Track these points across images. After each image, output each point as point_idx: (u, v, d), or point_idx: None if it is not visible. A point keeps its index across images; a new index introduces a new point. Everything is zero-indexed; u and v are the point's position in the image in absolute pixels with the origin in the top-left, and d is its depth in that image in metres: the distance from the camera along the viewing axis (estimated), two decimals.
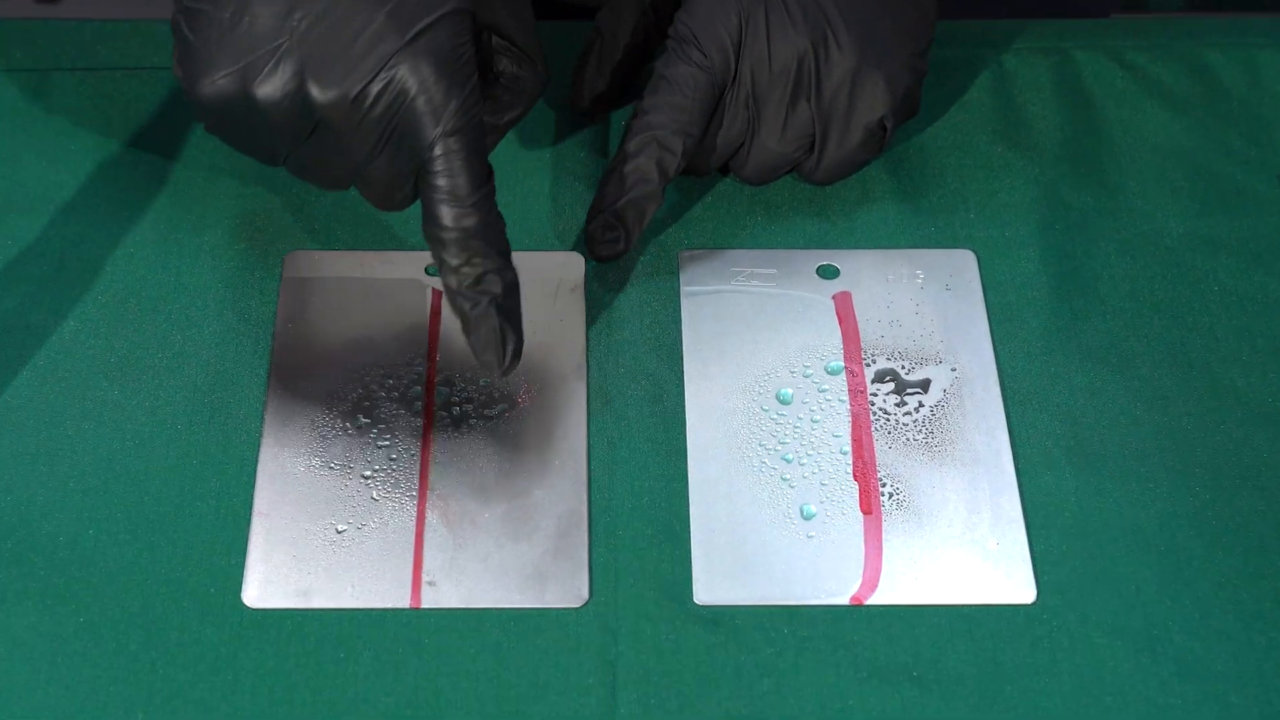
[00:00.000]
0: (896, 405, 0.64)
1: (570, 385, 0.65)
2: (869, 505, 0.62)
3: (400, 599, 0.59)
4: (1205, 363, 0.66)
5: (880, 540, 0.61)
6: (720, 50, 0.66)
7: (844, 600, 0.60)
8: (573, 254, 0.69)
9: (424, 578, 0.60)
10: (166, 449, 0.63)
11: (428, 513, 0.61)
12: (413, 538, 0.61)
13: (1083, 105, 0.74)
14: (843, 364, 0.66)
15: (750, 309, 0.67)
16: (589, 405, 0.64)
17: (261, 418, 0.63)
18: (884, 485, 0.62)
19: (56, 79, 0.74)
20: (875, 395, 0.65)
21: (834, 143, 0.68)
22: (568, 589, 0.60)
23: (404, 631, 0.59)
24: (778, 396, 0.65)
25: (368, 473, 0.62)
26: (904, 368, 0.65)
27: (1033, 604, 0.60)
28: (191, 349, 0.66)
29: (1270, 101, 0.74)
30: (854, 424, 0.64)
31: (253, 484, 0.62)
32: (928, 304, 0.67)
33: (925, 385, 0.65)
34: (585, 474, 0.62)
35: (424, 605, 0.59)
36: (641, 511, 0.62)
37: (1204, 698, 0.57)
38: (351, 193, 0.70)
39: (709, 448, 0.63)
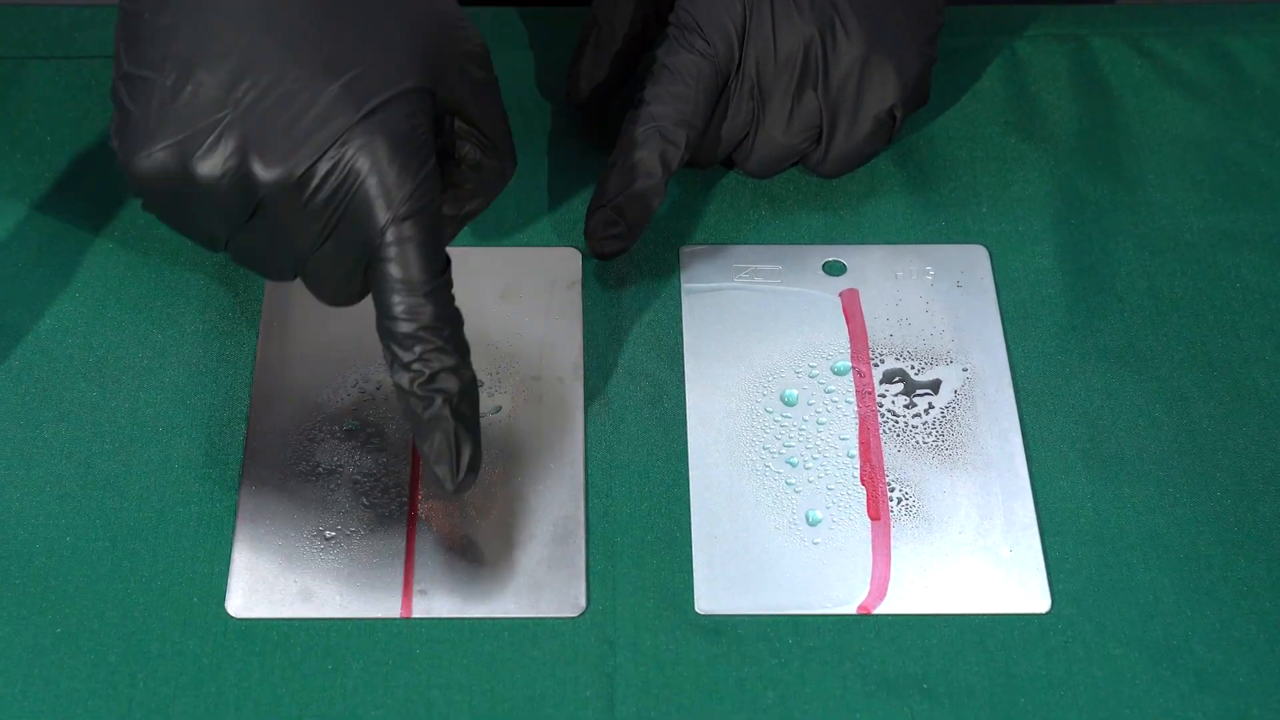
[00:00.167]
0: (906, 407, 0.64)
1: (567, 386, 0.65)
2: (877, 511, 0.62)
3: (390, 608, 0.59)
4: (1227, 362, 0.66)
5: (889, 547, 0.61)
6: (724, 38, 0.66)
7: (851, 609, 0.60)
8: (569, 250, 0.69)
9: (415, 586, 0.60)
10: (147, 452, 0.63)
11: (419, 519, 0.61)
12: (403, 544, 0.61)
13: (1099, 94, 0.74)
14: (849, 364, 0.66)
15: (754, 307, 0.67)
16: (586, 407, 0.64)
17: (246, 419, 0.64)
18: (892, 490, 0.62)
19: (32, 67, 0.74)
20: (883, 396, 0.65)
21: (842, 133, 0.68)
22: (564, 598, 0.60)
23: (394, 642, 0.59)
24: (782, 398, 0.65)
25: (357, 477, 0.62)
26: (913, 368, 0.66)
27: (1047, 613, 0.60)
28: (173, 348, 0.66)
29: None
30: (861, 426, 0.64)
31: (237, 488, 0.62)
32: (938, 301, 0.67)
33: (935, 386, 0.65)
34: (582, 478, 0.62)
35: (415, 615, 0.59)
36: (641, 517, 0.62)
37: (1225, 711, 0.57)
38: None
39: (711, 451, 0.63)
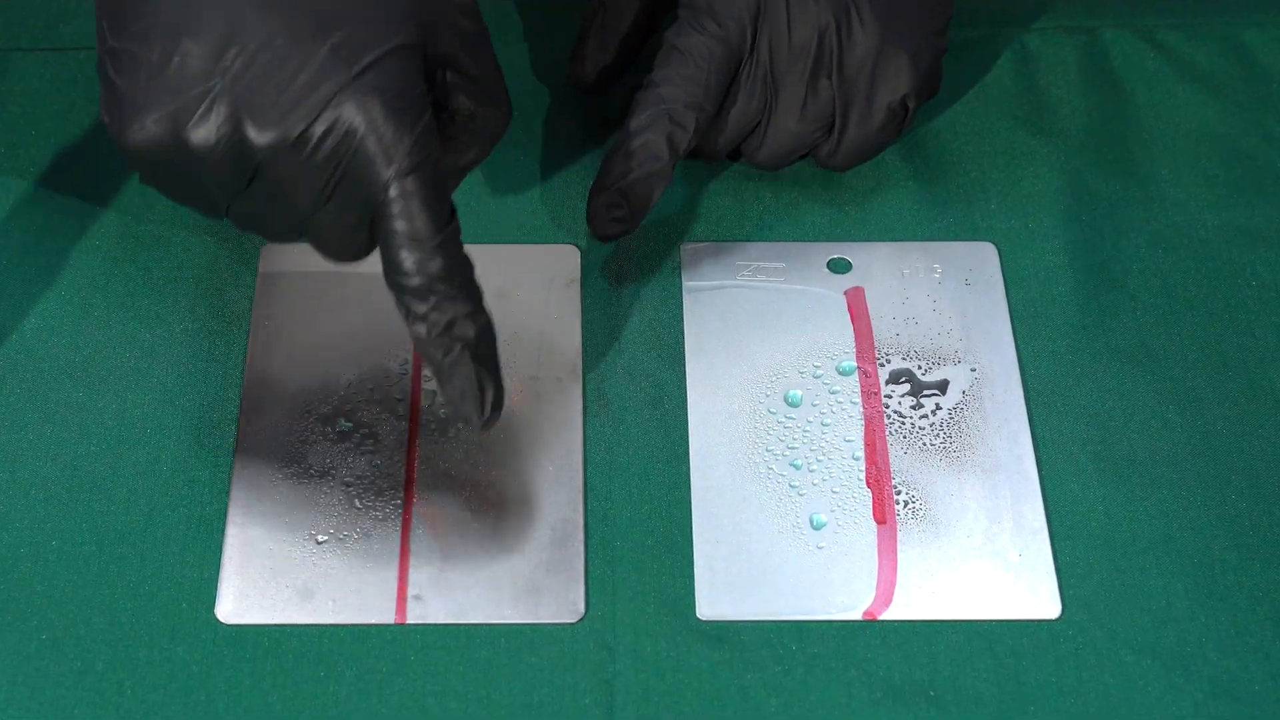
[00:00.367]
0: (912, 408, 0.65)
1: (565, 387, 0.65)
2: (883, 514, 0.62)
3: (384, 614, 0.60)
4: (1242, 362, 0.66)
5: (895, 551, 0.61)
6: (737, 21, 0.66)
7: (856, 615, 0.60)
8: (568, 247, 0.69)
9: (409, 591, 0.60)
10: (135, 454, 0.63)
11: (413, 522, 0.62)
12: (397, 549, 0.61)
13: (1111, 88, 0.75)
14: (855, 364, 0.66)
15: (757, 305, 0.68)
16: (585, 408, 0.65)
17: (236, 421, 0.64)
18: (899, 493, 0.63)
19: (16, 59, 0.74)
20: (890, 397, 0.65)
21: (854, 124, 0.68)
22: (562, 603, 0.60)
23: (388, 649, 0.59)
24: (786, 399, 0.65)
25: (349, 479, 0.63)
26: (920, 368, 0.66)
27: (1057, 619, 0.60)
28: (162, 348, 0.66)
29: None
30: (867, 428, 0.64)
31: (227, 492, 0.62)
32: (946, 300, 0.68)
33: (943, 386, 0.65)
34: (581, 481, 0.63)
35: (409, 621, 0.60)
36: (641, 521, 0.62)
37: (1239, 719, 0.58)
38: None
39: (712, 453, 0.64)
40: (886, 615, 0.60)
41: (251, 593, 0.60)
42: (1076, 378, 0.66)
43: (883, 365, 0.66)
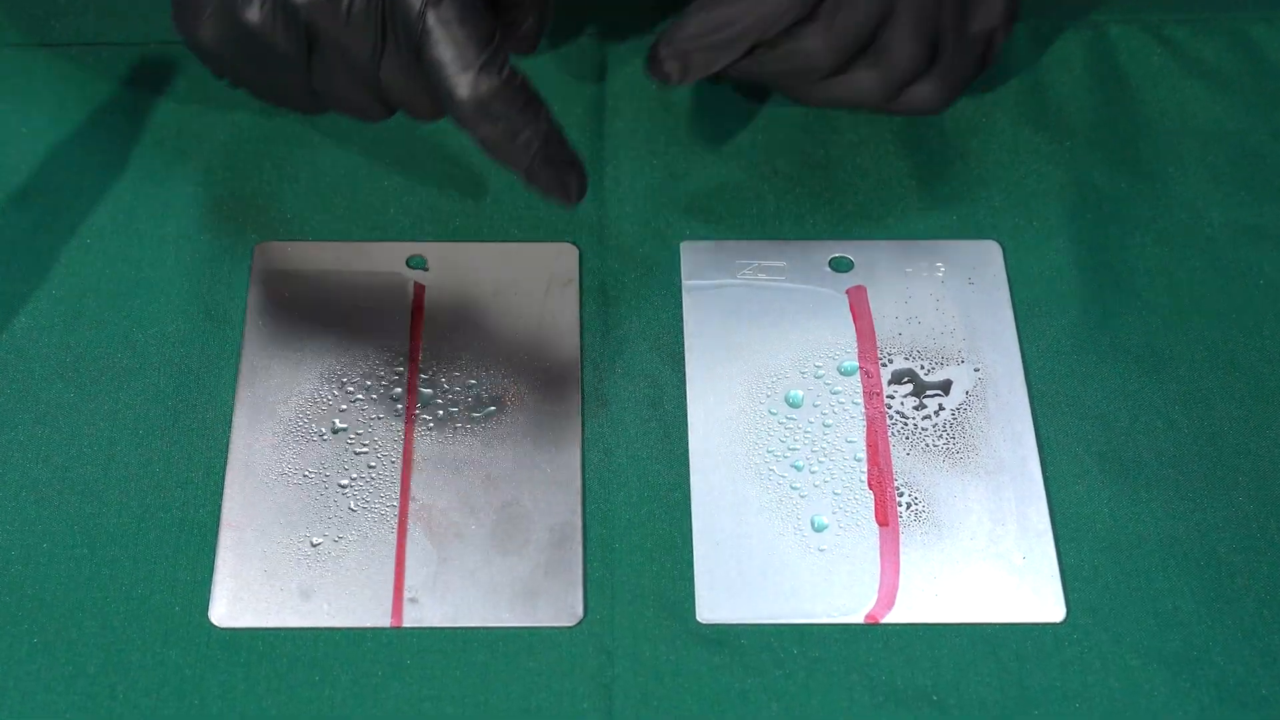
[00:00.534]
0: (915, 408, 0.65)
1: (563, 387, 0.65)
2: (885, 516, 0.62)
3: (380, 617, 0.60)
4: (1249, 363, 0.66)
5: (897, 554, 0.61)
6: None
7: (858, 618, 0.60)
8: (567, 246, 0.69)
9: (405, 594, 0.60)
10: (127, 456, 0.63)
11: (409, 524, 0.62)
12: (393, 551, 0.61)
13: (1117, 84, 0.75)
14: (857, 364, 0.66)
15: (757, 305, 0.68)
16: (584, 408, 0.65)
17: (230, 422, 0.64)
18: (901, 495, 0.63)
19: (5, 56, 0.74)
20: (892, 397, 0.65)
21: (950, 54, 0.67)
22: (560, 606, 0.60)
23: (384, 652, 0.59)
24: (787, 399, 0.65)
25: (345, 481, 0.63)
26: (923, 368, 0.66)
27: (1062, 623, 0.60)
28: (154, 348, 0.66)
29: None
30: (869, 428, 0.64)
31: (221, 494, 0.62)
32: (949, 299, 0.68)
33: (946, 387, 0.66)
34: (579, 483, 0.63)
35: (405, 624, 0.60)
36: (640, 523, 0.62)
37: None
38: (325, 180, 0.70)
39: (712, 454, 0.64)
40: (889, 619, 0.60)
41: (246, 596, 0.60)
42: (1081, 378, 0.66)
43: (885, 365, 0.66)
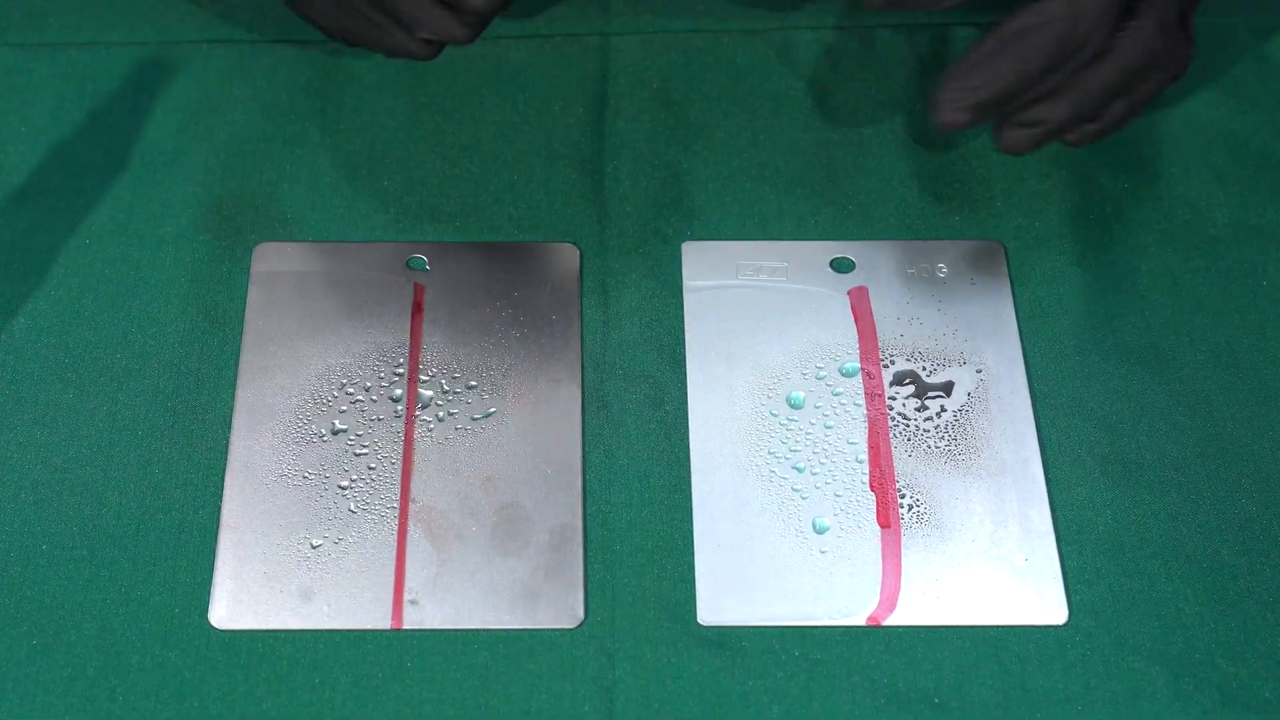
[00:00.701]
0: (917, 410, 0.65)
1: (564, 388, 0.65)
2: (887, 518, 0.63)
3: (380, 619, 0.60)
4: (1252, 364, 0.67)
5: (899, 556, 0.62)
6: None
7: (860, 621, 0.60)
8: (567, 245, 0.69)
9: (406, 596, 0.61)
10: (126, 457, 0.63)
11: (409, 526, 0.62)
12: (393, 553, 0.61)
13: None
14: (858, 365, 0.66)
15: (759, 306, 0.68)
16: (584, 410, 0.65)
17: (230, 424, 0.64)
18: (903, 497, 0.63)
19: (2, 55, 0.74)
20: (894, 399, 0.65)
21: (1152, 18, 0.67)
22: (561, 608, 0.61)
23: (384, 654, 0.60)
24: (788, 400, 0.65)
25: (344, 483, 0.63)
26: (925, 369, 0.66)
27: (1064, 625, 0.60)
28: (153, 349, 0.66)
29: None
30: (871, 430, 0.65)
31: (220, 495, 0.63)
32: (951, 300, 0.68)
33: (948, 388, 0.66)
34: (580, 484, 0.63)
35: (406, 626, 0.60)
36: (641, 524, 0.62)
37: None
38: (325, 180, 0.70)
39: (713, 456, 0.64)
40: (890, 621, 0.60)
41: (245, 598, 0.60)
42: (1084, 379, 0.66)
43: (887, 366, 0.66)
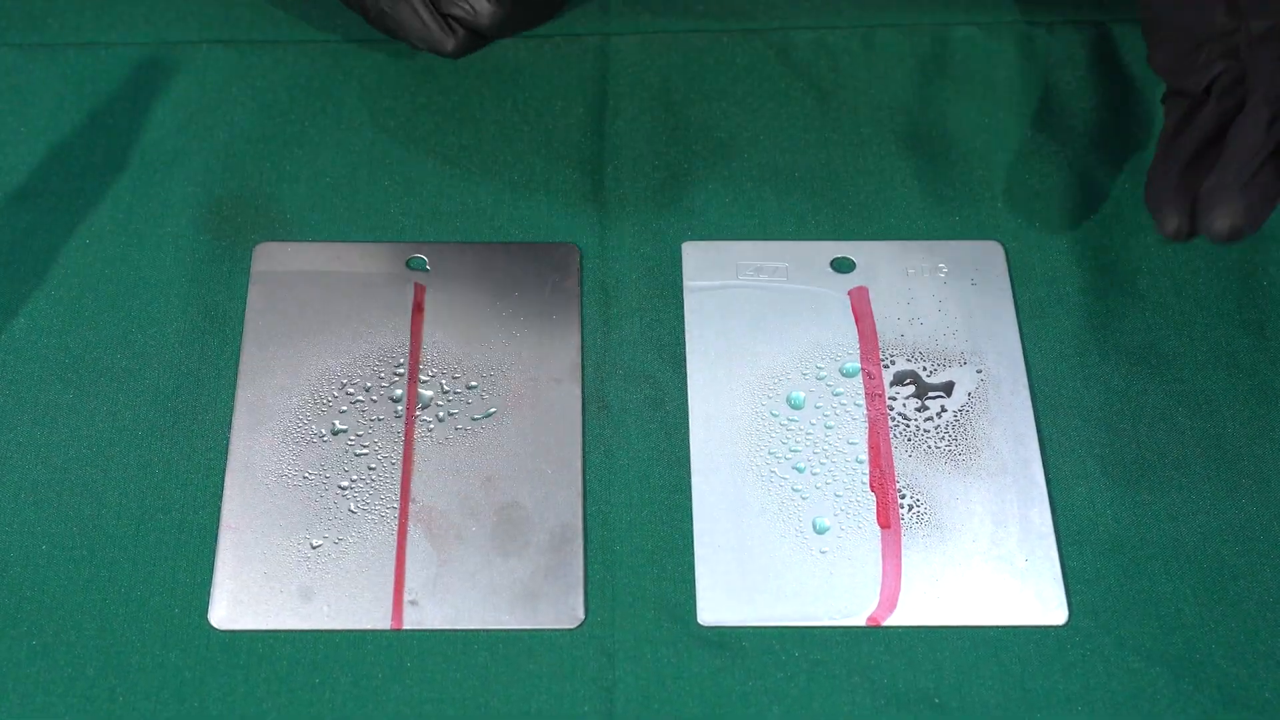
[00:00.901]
0: (917, 410, 0.65)
1: (564, 388, 0.66)
2: (887, 518, 0.63)
3: (380, 619, 0.60)
4: (1253, 364, 0.67)
5: (899, 556, 0.62)
6: None
7: (860, 621, 0.60)
8: (568, 246, 0.69)
9: (406, 596, 0.61)
10: (126, 458, 0.64)
11: (409, 526, 0.62)
12: (393, 553, 0.61)
13: (1120, 83, 0.75)
14: (859, 365, 0.66)
15: (759, 306, 0.68)
16: (584, 410, 0.65)
17: (230, 424, 0.64)
18: (903, 497, 0.63)
19: (2, 55, 0.74)
20: (894, 399, 0.65)
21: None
22: (561, 609, 0.61)
23: (384, 655, 0.60)
24: (788, 400, 0.66)
25: (345, 483, 0.63)
26: (925, 369, 0.66)
27: (1064, 625, 0.60)
28: (154, 349, 0.66)
29: None
30: (871, 430, 0.65)
31: (220, 495, 0.63)
32: (951, 300, 0.68)
33: (948, 388, 0.66)
34: (580, 484, 0.63)
35: (406, 626, 0.60)
36: (641, 525, 0.63)
37: None
38: (325, 180, 0.71)
39: (714, 456, 0.64)
40: (890, 621, 0.60)
41: (245, 598, 0.60)
42: (1084, 379, 0.66)
43: (887, 367, 0.66)
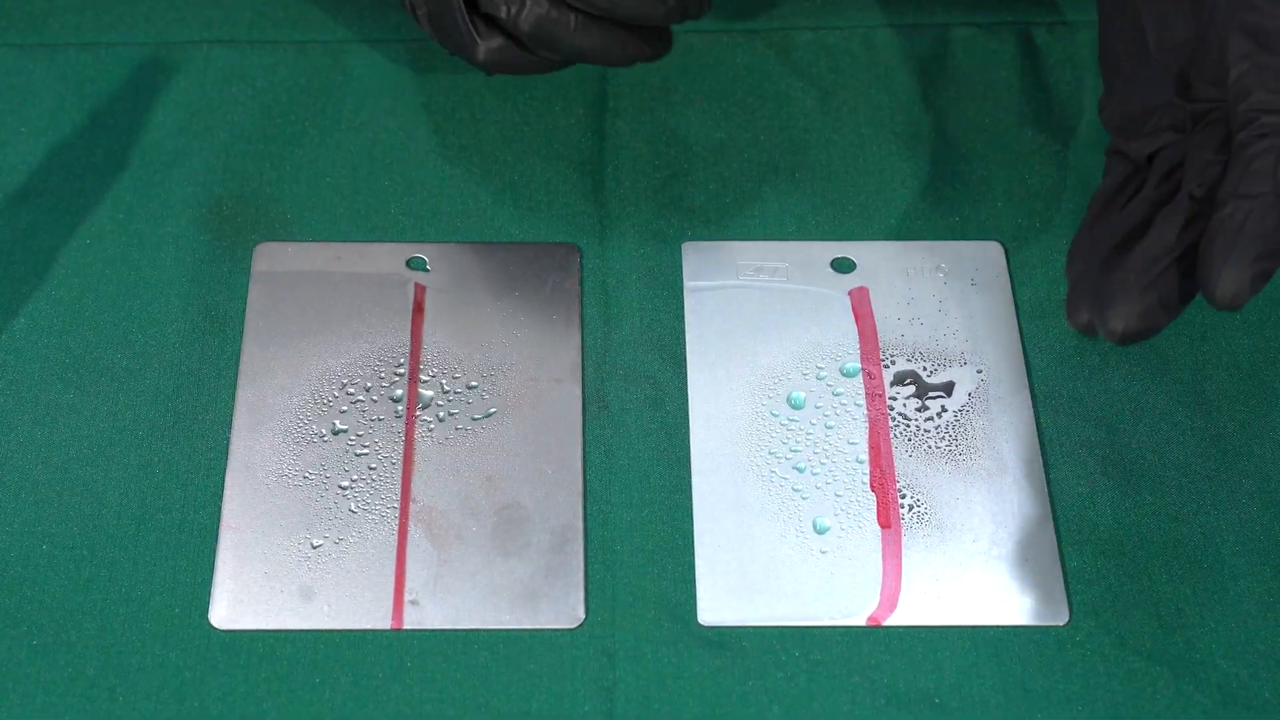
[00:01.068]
0: (917, 410, 0.65)
1: (564, 388, 0.66)
2: (887, 518, 0.63)
3: (380, 619, 0.60)
4: (1254, 364, 0.67)
5: (899, 556, 0.62)
6: None
7: (860, 621, 0.61)
8: (568, 246, 0.69)
9: (406, 596, 0.61)
10: (127, 458, 0.64)
11: (410, 526, 0.62)
12: (394, 553, 0.62)
13: None
14: (859, 365, 0.66)
15: (759, 306, 0.68)
16: (585, 410, 0.65)
17: (230, 424, 0.64)
18: (903, 497, 0.63)
19: (2, 55, 0.75)
20: (894, 399, 0.66)
21: None
22: (561, 609, 0.61)
23: (384, 654, 0.60)
24: (788, 400, 0.66)
25: (345, 483, 0.63)
26: (925, 369, 0.66)
27: (1065, 626, 0.60)
28: (154, 349, 0.66)
29: None
30: (871, 430, 0.65)
31: (221, 495, 0.63)
32: (951, 300, 0.68)
33: (949, 388, 0.66)
34: (581, 484, 0.63)
35: (406, 626, 0.60)
36: (641, 525, 0.63)
37: None
38: (325, 180, 0.71)
39: (714, 456, 0.64)
40: (891, 621, 0.60)
41: (246, 597, 0.60)
42: (1084, 379, 0.66)
43: (887, 367, 0.66)
